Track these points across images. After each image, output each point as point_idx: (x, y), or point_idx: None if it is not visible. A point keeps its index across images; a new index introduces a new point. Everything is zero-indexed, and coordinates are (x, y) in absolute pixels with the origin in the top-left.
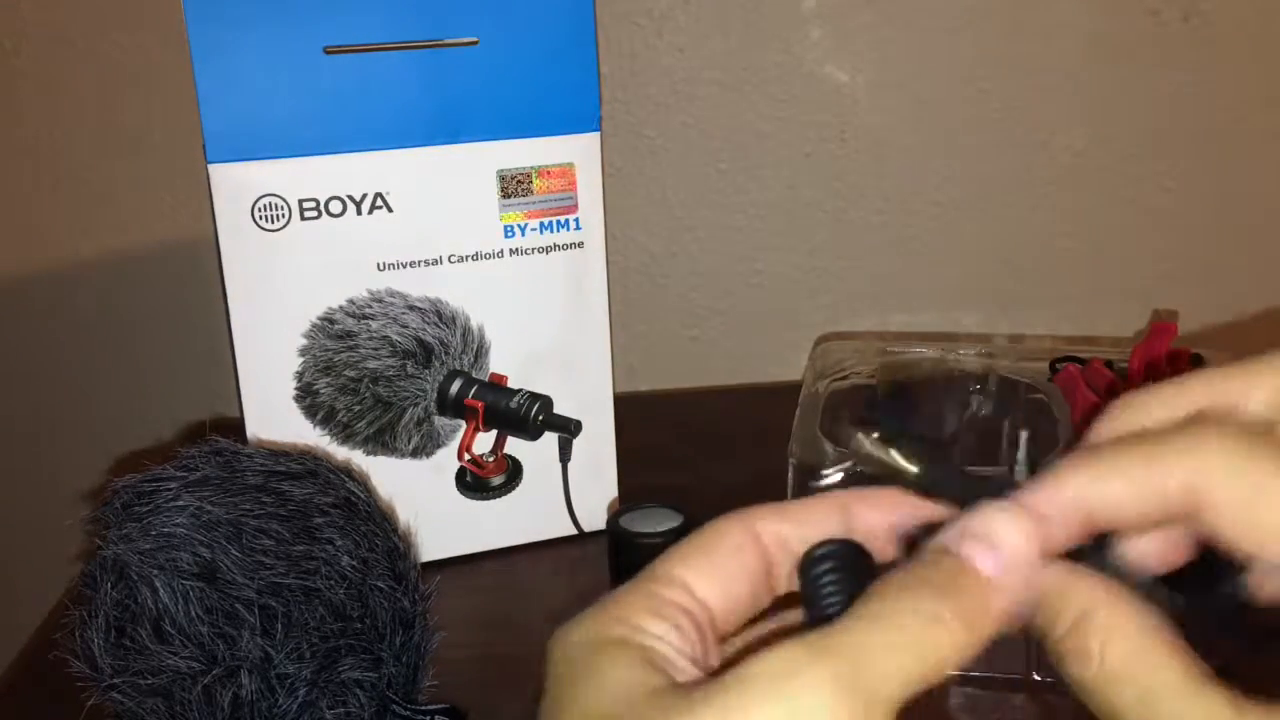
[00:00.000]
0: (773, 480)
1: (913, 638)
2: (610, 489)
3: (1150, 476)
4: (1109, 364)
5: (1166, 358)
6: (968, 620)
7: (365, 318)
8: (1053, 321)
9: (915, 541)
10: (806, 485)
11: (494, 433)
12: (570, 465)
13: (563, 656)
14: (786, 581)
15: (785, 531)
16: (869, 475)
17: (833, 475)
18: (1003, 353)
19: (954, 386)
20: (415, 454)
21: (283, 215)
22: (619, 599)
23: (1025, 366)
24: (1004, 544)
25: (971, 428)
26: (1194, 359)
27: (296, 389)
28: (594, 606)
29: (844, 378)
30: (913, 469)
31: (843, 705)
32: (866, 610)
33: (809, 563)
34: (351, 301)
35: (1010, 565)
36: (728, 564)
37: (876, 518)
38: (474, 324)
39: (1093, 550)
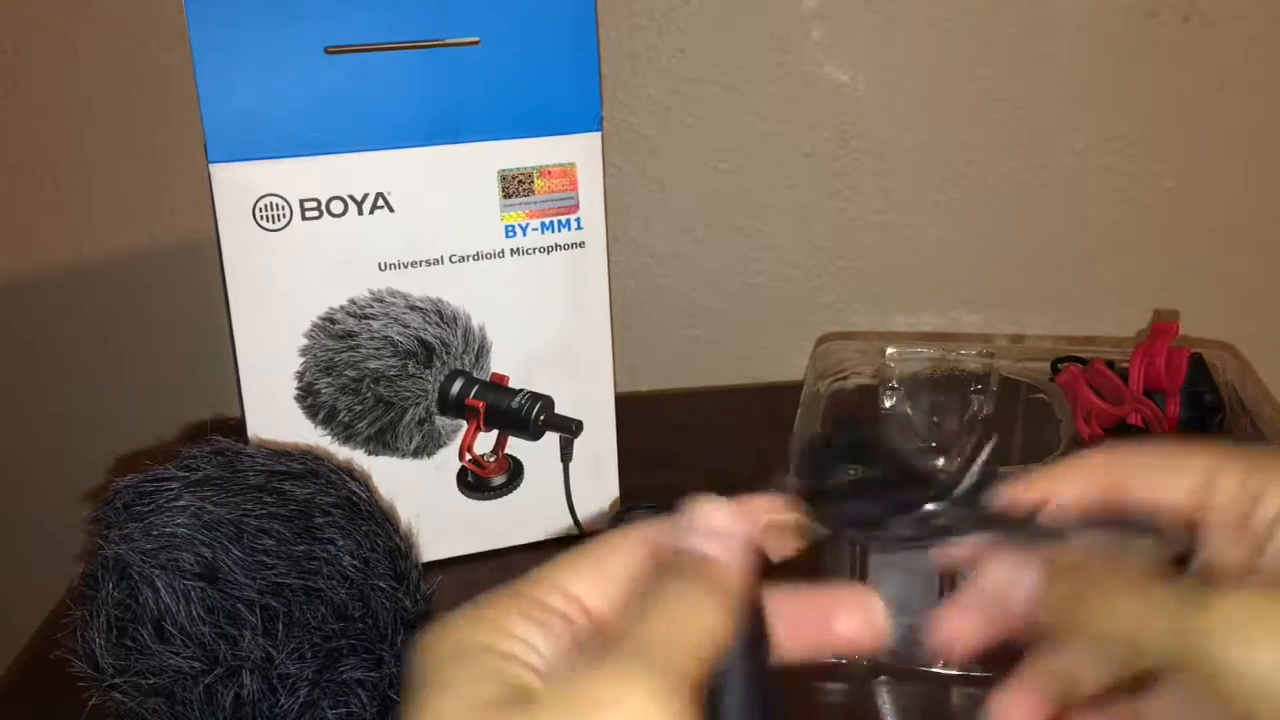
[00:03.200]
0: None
1: (681, 622)
2: (611, 489)
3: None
4: (1110, 364)
5: (1166, 357)
6: (714, 594)
7: (366, 317)
8: (1053, 321)
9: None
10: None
11: (495, 433)
12: (571, 465)
13: (423, 662)
14: None
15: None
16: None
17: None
18: (1003, 353)
19: (954, 387)
20: (417, 454)
21: (284, 215)
22: (492, 600)
23: (1026, 366)
24: (716, 527)
25: (972, 428)
26: (1194, 359)
27: (298, 389)
28: (469, 606)
29: (845, 378)
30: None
31: (655, 705)
32: (643, 613)
33: None
34: (353, 301)
35: (726, 541)
36: (616, 570)
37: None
38: (475, 324)
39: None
